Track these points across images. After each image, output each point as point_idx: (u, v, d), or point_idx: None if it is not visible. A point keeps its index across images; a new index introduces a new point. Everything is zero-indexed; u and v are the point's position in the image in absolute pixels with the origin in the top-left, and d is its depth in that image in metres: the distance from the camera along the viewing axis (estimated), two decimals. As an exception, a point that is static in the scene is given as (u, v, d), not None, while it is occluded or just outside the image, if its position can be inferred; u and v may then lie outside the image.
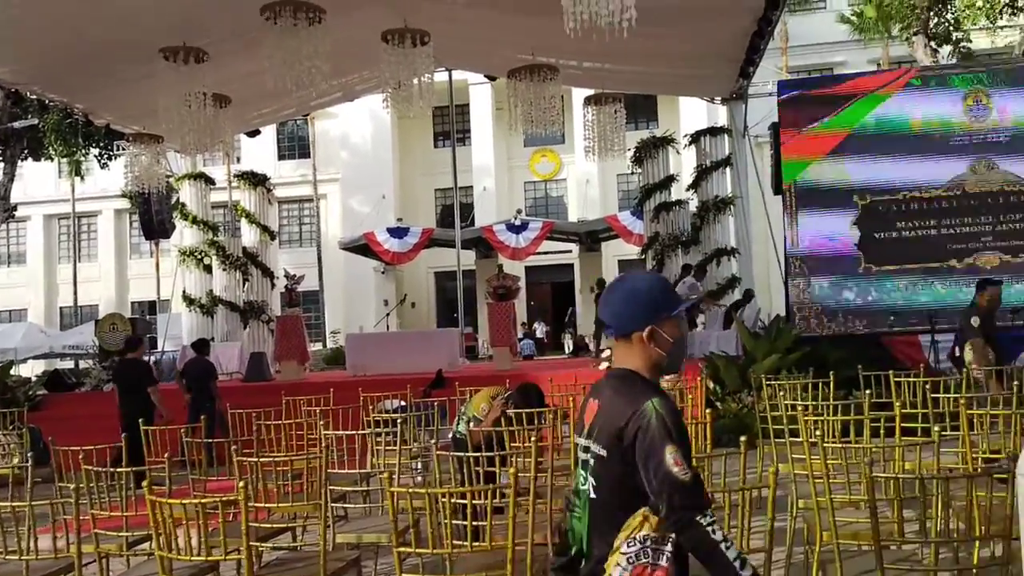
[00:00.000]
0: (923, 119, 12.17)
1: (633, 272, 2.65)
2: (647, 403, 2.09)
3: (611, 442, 2.15)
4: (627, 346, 2.25)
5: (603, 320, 2.36)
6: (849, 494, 4.05)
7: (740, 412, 10.12)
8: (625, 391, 2.18)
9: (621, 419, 2.13)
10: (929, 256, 12.02)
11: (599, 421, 2.21)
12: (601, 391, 2.28)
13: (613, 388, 2.24)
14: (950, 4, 17.56)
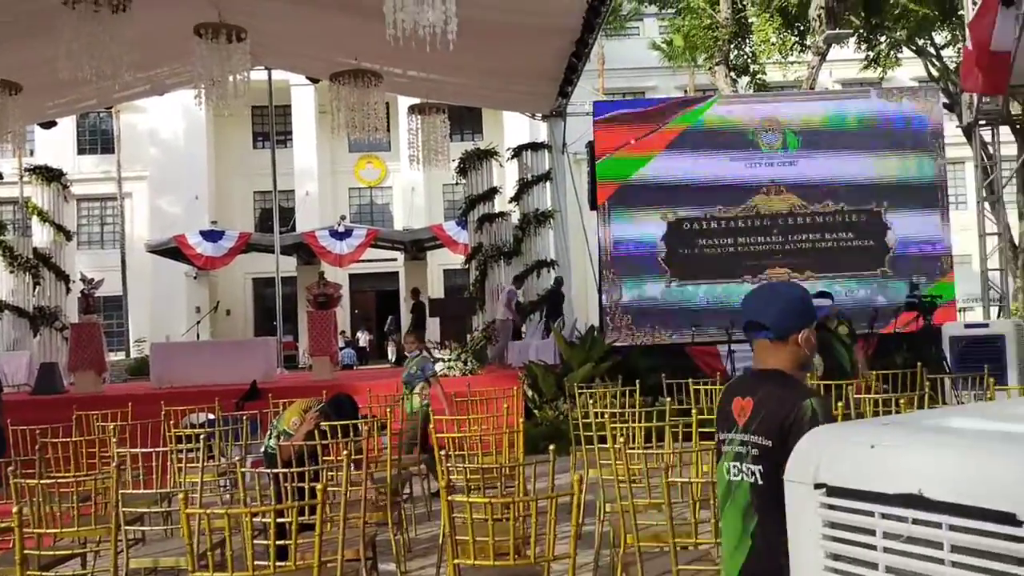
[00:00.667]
0: (723, 143, 13.10)
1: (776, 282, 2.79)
2: (807, 401, 2.32)
3: (777, 433, 2.33)
4: (780, 347, 2.45)
5: (759, 322, 2.50)
6: (649, 497, 4.25)
7: (557, 419, 10.42)
8: (786, 387, 2.40)
9: (785, 412, 2.33)
10: (727, 271, 12.94)
11: (760, 415, 2.39)
12: (753, 389, 2.46)
13: (771, 385, 2.43)
14: (748, 39, 19.09)
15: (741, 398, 2.48)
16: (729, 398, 2.53)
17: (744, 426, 2.42)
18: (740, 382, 2.61)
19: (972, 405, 1.89)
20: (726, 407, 2.52)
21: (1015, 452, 1.30)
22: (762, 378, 2.49)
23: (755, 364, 2.55)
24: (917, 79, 21.81)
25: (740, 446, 2.43)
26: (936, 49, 19.43)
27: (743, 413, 2.45)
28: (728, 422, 2.50)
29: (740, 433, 2.43)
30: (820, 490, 1.47)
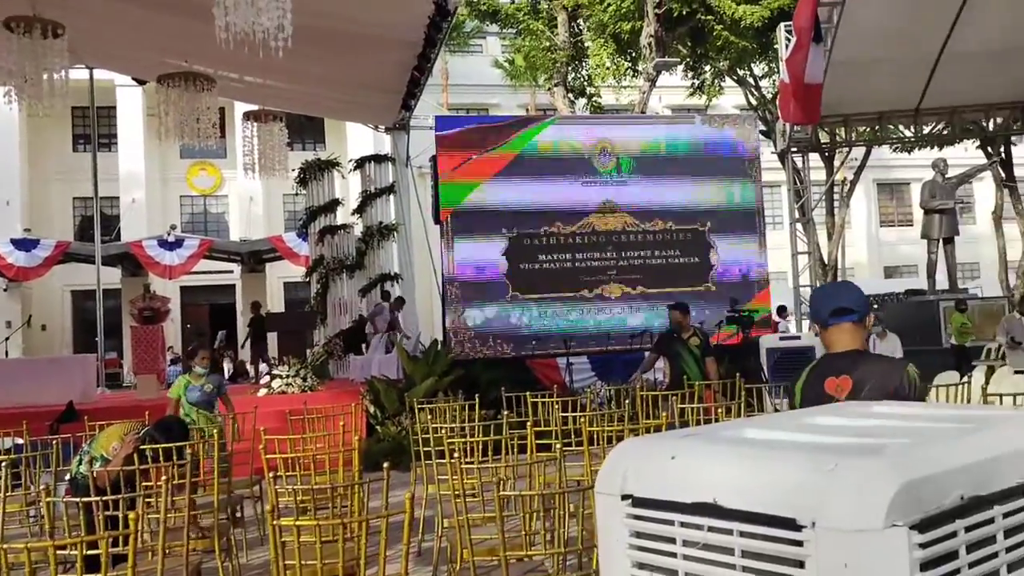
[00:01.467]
0: (560, 163, 13.52)
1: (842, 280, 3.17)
2: (908, 367, 2.73)
3: (887, 399, 2.55)
4: (859, 329, 2.86)
5: (848, 307, 2.87)
6: (484, 511, 4.29)
7: (399, 435, 10.32)
8: (882, 361, 2.88)
9: (894, 381, 2.69)
10: (565, 286, 13.33)
11: (864, 387, 2.70)
12: (845, 368, 2.77)
13: (866, 362, 2.81)
14: (585, 62, 19.83)
15: (835, 377, 2.78)
16: (819, 380, 2.81)
17: (847, 400, 2.70)
18: (826, 365, 2.87)
19: (769, 416, 2.05)
20: (817, 388, 2.79)
21: (796, 460, 1.41)
22: (850, 357, 2.82)
23: (833, 347, 2.88)
24: (739, 107, 23.40)
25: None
26: (755, 80, 20.91)
27: (841, 390, 2.75)
28: (823, 400, 2.72)
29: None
30: (626, 501, 1.53)
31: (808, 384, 2.85)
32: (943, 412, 1.91)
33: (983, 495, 1.41)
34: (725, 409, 5.89)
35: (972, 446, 1.51)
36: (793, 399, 2.90)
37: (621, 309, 13.44)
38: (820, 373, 2.85)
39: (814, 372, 2.88)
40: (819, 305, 3.01)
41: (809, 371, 2.91)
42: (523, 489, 4.57)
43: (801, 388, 2.87)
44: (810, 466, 1.36)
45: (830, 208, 21.69)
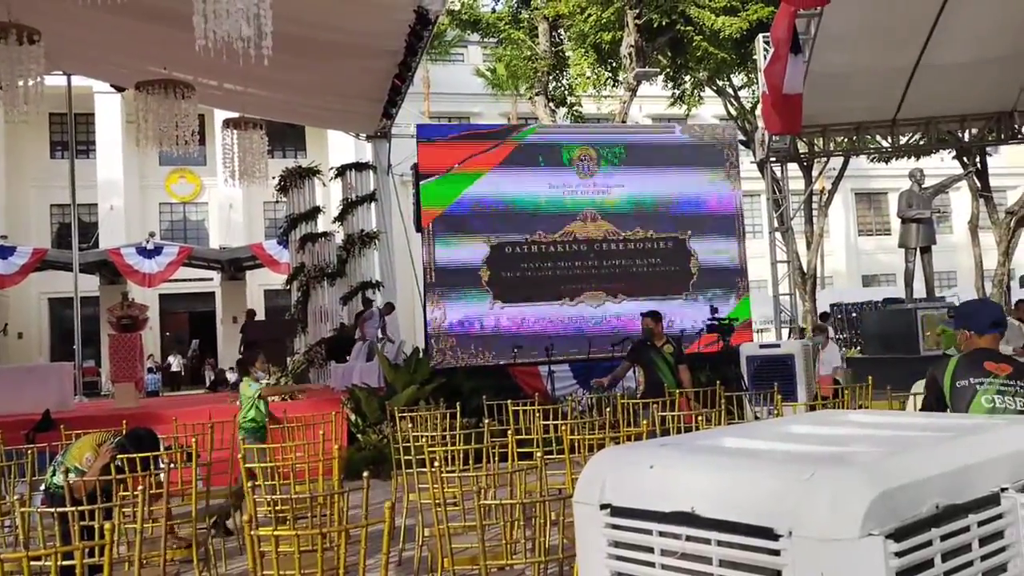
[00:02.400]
0: (542, 172, 13.54)
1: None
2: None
3: None
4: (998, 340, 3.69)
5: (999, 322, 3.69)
6: (465, 520, 4.28)
7: (381, 444, 10.27)
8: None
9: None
10: (547, 294, 13.33)
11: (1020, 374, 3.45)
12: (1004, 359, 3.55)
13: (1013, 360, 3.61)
14: (565, 72, 19.90)
15: (995, 363, 3.48)
16: (976, 362, 3.49)
17: (1009, 376, 3.42)
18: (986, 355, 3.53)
19: (747, 425, 2.06)
20: (977, 367, 3.46)
21: (773, 470, 1.42)
22: (1003, 355, 3.62)
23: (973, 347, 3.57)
24: (719, 117, 23.56)
25: (1003, 385, 3.42)
26: (734, 90, 21.07)
27: (1001, 370, 3.46)
28: (982, 372, 3.44)
29: (1004, 380, 3.42)
30: (605, 510, 1.54)
31: (962, 363, 3.52)
32: (919, 421, 1.92)
33: (959, 504, 1.43)
34: (705, 417, 5.90)
35: (947, 455, 1.53)
36: (943, 375, 3.52)
37: (603, 317, 13.46)
38: (977, 357, 3.52)
39: (967, 357, 3.56)
40: (981, 315, 3.73)
41: (960, 357, 3.59)
42: (504, 498, 4.56)
43: (955, 365, 3.51)
44: (787, 475, 1.37)
45: (809, 217, 21.87)
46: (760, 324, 18.73)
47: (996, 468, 1.56)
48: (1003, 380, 3.43)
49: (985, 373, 3.45)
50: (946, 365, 3.58)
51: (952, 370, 3.53)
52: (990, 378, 3.44)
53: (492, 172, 13.31)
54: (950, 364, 3.56)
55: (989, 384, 3.43)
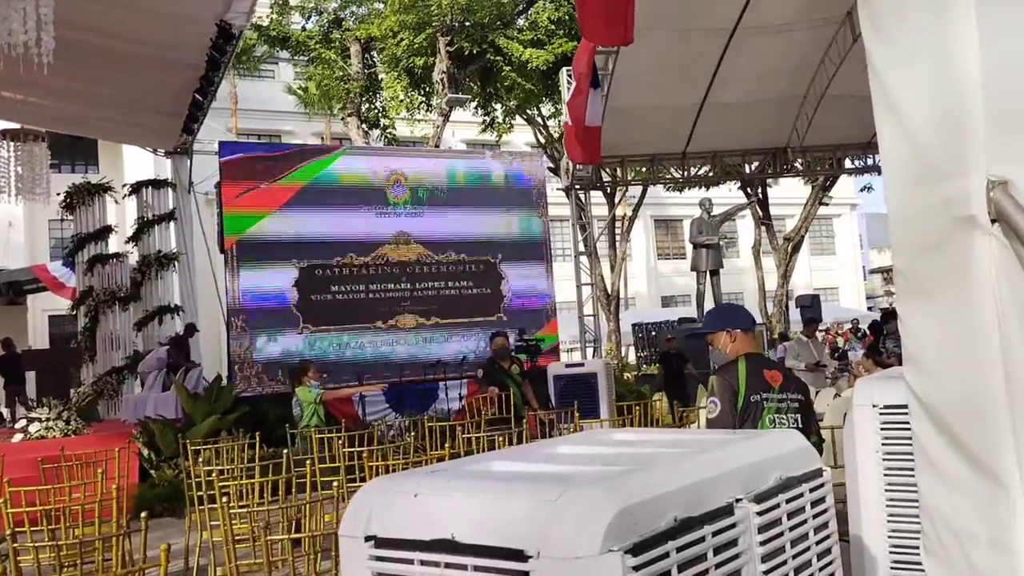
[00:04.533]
0: (353, 193, 13.40)
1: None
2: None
3: (804, 391, 3.64)
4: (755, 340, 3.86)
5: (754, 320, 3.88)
6: (254, 557, 4.12)
7: (176, 479, 9.67)
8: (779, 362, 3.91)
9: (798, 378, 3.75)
10: (359, 317, 13.15)
11: (790, 381, 3.64)
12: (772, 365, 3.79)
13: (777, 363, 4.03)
14: (379, 94, 19.86)
15: (768, 370, 3.62)
16: (758, 372, 3.57)
17: (780, 388, 3.54)
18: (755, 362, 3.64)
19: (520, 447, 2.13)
20: (758, 378, 3.54)
21: (526, 492, 1.48)
22: (765, 358, 3.90)
23: (744, 348, 3.68)
24: (529, 144, 24.36)
25: (779, 402, 3.52)
26: (543, 119, 21.87)
27: (775, 380, 3.56)
28: (765, 385, 3.54)
29: (778, 393, 3.53)
30: (370, 542, 1.54)
31: (749, 372, 3.58)
32: (672, 438, 2.08)
33: (695, 516, 1.55)
34: (507, 438, 6.04)
35: (687, 470, 1.66)
36: (737, 384, 3.55)
37: (415, 340, 13.46)
38: (755, 367, 3.63)
39: (748, 364, 3.63)
40: (740, 315, 3.91)
41: (744, 363, 3.63)
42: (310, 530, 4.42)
43: (745, 374, 3.57)
44: (537, 497, 1.44)
45: (612, 242, 23.00)
46: (569, 344, 19.45)
47: (732, 480, 1.71)
48: (779, 395, 3.57)
49: (767, 386, 3.56)
50: (737, 372, 3.59)
51: (744, 380, 3.56)
52: (770, 393, 3.57)
53: (301, 192, 13.01)
54: (740, 372, 3.57)
55: (769, 402, 3.55)
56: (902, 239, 2.60)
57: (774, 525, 1.75)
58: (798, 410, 3.57)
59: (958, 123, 2.34)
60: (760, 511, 1.70)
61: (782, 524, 1.78)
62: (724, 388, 3.55)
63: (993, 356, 2.27)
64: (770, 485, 1.79)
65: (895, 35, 2.56)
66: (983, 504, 2.34)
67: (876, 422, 3.18)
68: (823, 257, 38.57)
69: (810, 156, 15.10)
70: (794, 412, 3.55)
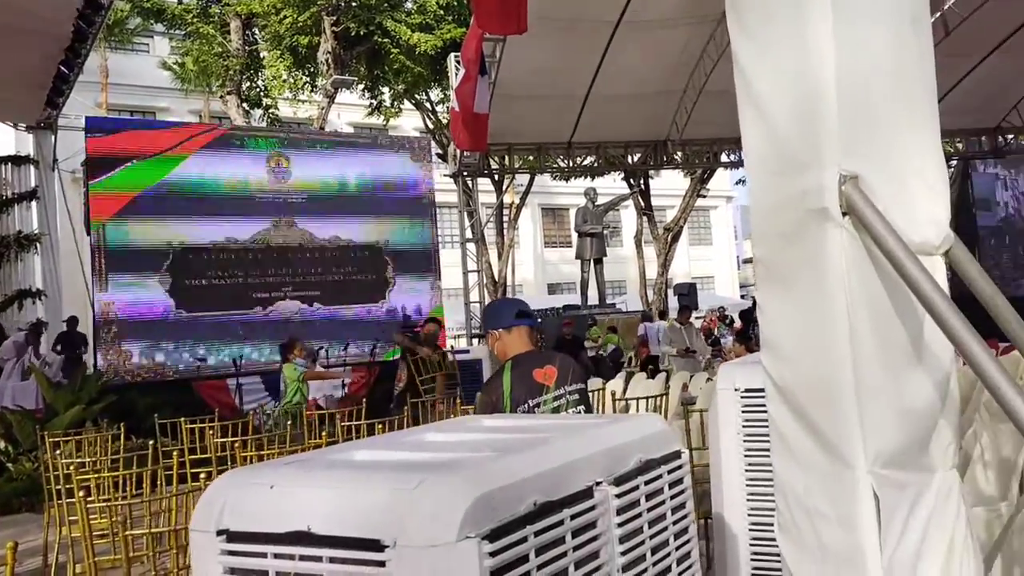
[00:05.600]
0: (231, 175, 12.92)
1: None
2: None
3: (581, 378, 3.39)
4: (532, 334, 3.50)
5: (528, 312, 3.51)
6: (114, 553, 3.93)
7: (35, 472, 9.13)
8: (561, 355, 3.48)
9: (578, 367, 3.42)
10: (237, 303, 12.73)
11: (566, 371, 3.32)
12: (545, 360, 3.36)
13: (552, 354, 3.55)
14: (261, 72, 19.19)
15: (539, 369, 3.30)
16: (527, 374, 3.27)
17: (557, 384, 3.27)
18: (524, 362, 3.34)
19: (388, 435, 2.11)
20: (527, 381, 3.24)
21: (385, 480, 1.46)
22: (541, 354, 3.50)
23: (513, 348, 3.40)
24: (419, 129, 24.13)
25: (556, 400, 3.25)
26: (432, 104, 21.70)
27: (548, 377, 3.28)
28: (535, 388, 3.24)
29: (555, 391, 3.26)
30: (221, 536, 1.48)
31: (515, 380, 3.26)
32: (542, 423, 2.09)
33: (554, 500, 1.57)
34: (388, 424, 5.98)
35: (549, 454, 1.67)
36: (501, 399, 3.23)
37: (298, 327, 13.14)
38: (528, 366, 3.31)
39: (515, 370, 3.30)
40: (502, 311, 3.56)
41: (510, 371, 3.31)
42: (175, 524, 4.25)
43: (510, 385, 3.24)
44: (395, 486, 1.41)
45: (499, 229, 23.11)
46: (455, 331, 19.45)
47: (592, 464, 1.74)
48: (554, 393, 3.28)
49: (538, 389, 3.26)
50: (500, 384, 3.29)
51: (509, 392, 3.25)
52: (543, 395, 3.27)
53: (176, 171, 12.45)
54: (504, 383, 3.27)
55: (544, 403, 3.25)
56: (762, 229, 2.71)
57: (633, 507, 1.79)
58: (579, 401, 3.33)
59: (814, 117, 2.45)
60: (619, 493, 1.73)
61: (640, 506, 1.82)
62: (485, 408, 3.25)
63: (843, 343, 2.41)
64: (630, 468, 1.83)
65: (757, 29, 2.66)
66: (832, 484, 2.47)
67: (738, 405, 3.31)
68: (701, 247, 40.00)
69: (689, 149, 15.58)
70: (576, 405, 3.31)
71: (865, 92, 2.43)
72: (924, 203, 2.48)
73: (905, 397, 2.44)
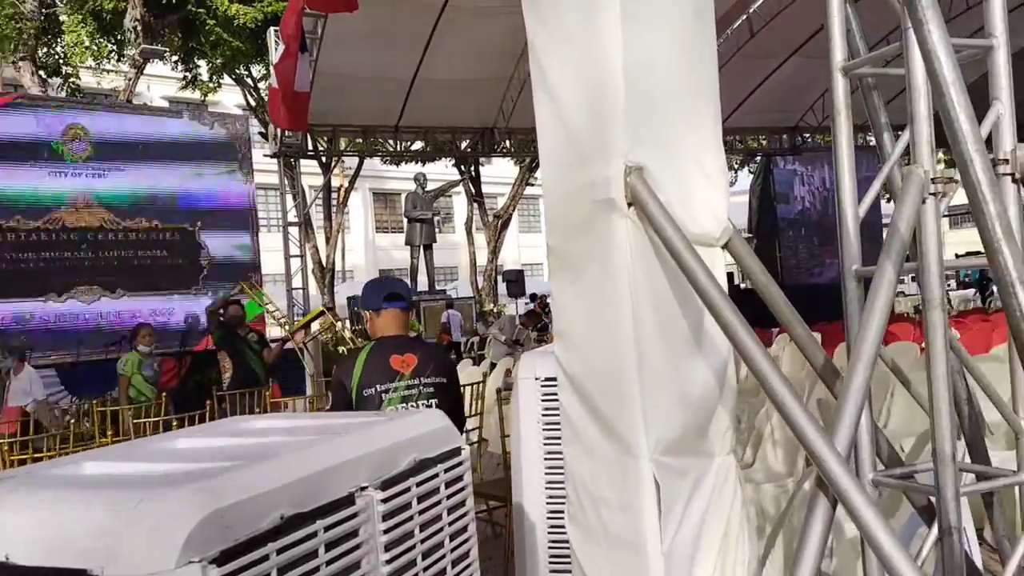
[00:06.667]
0: (22, 148, 11.74)
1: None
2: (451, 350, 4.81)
3: (448, 372, 3.34)
4: (407, 316, 3.42)
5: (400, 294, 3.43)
6: None
7: None
8: (429, 343, 4.10)
9: (447, 358, 3.56)
10: (28, 289, 11.61)
11: (428, 362, 3.26)
12: (408, 348, 3.31)
13: (421, 343, 3.77)
14: (60, 38, 17.55)
15: (399, 355, 3.24)
16: (383, 358, 3.22)
17: (413, 372, 3.22)
18: (385, 346, 3.28)
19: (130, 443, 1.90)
20: (382, 366, 3.20)
21: (100, 501, 1.28)
22: (408, 340, 3.41)
23: (383, 330, 3.35)
24: (240, 106, 22.97)
25: (408, 389, 3.20)
26: (254, 81, 20.72)
27: (407, 365, 3.23)
28: (389, 373, 3.20)
29: (409, 380, 3.21)
30: None
31: (369, 363, 3.22)
32: (316, 423, 1.95)
33: (306, 511, 1.45)
34: (189, 418, 5.61)
35: (306, 460, 1.54)
36: (351, 380, 3.19)
37: (97, 314, 12.16)
38: (382, 352, 3.25)
39: (373, 352, 3.26)
40: (372, 292, 3.45)
41: (367, 352, 3.27)
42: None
43: (362, 367, 3.21)
44: (113, 506, 1.24)
45: (327, 213, 22.49)
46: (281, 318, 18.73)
47: (358, 468, 1.63)
48: (408, 380, 3.24)
49: (392, 374, 3.23)
50: (354, 363, 3.27)
51: (360, 372, 3.23)
52: (396, 381, 3.23)
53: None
54: (358, 363, 3.26)
55: (395, 391, 3.22)
56: (555, 218, 2.70)
57: (403, 510, 1.70)
58: (433, 395, 3.26)
59: (602, 109, 2.45)
60: (386, 498, 1.64)
61: (412, 508, 1.73)
62: (336, 383, 3.25)
63: (627, 333, 2.43)
64: (401, 469, 1.74)
65: (551, 17, 2.63)
66: (616, 472, 2.50)
67: (538, 394, 3.31)
68: (531, 234, 40.78)
69: (515, 138, 15.71)
70: (428, 398, 3.24)
71: (650, 85, 2.45)
72: (704, 195, 2.55)
73: (685, 385, 2.51)
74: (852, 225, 2.58)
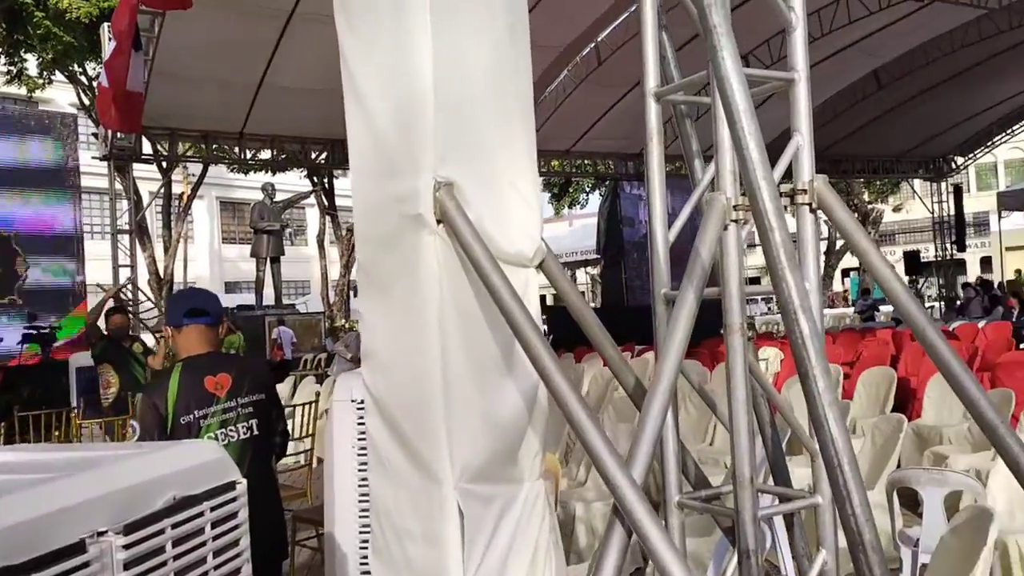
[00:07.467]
0: None
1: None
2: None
3: (266, 388, 3.24)
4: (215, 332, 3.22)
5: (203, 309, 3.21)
6: None
7: None
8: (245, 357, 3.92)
9: (265, 372, 3.52)
10: None
11: (243, 380, 3.12)
12: (221, 366, 3.12)
13: (235, 360, 3.89)
14: None
15: (212, 376, 3.03)
16: (198, 380, 3.00)
17: (229, 395, 3.03)
18: (196, 367, 3.05)
19: None
20: (197, 390, 2.98)
21: None
22: (214, 358, 3.14)
23: (187, 349, 3.11)
24: (74, 105, 21.43)
25: (225, 413, 3.01)
26: (88, 79, 19.40)
27: (221, 387, 3.02)
28: (206, 397, 2.99)
29: (225, 403, 3.02)
30: None
31: (183, 387, 2.99)
32: (56, 457, 1.72)
33: (17, 564, 1.25)
34: None
35: (29, 503, 1.33)
36: (165, 405, 2.95)
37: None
38: (193, 374, 3.03)
39: (185, 375, 3.02)
40: (173, 307, 3.33)
41: (179, 374, 3.03)
42: None
43: (176, 390, 2.97)
44: None
45: (167, 221, 21.30)
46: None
47: (94, 510, 1.43)
48: (226, 404, 3.07)
49: (208, 398, 3.04)
50: (167, 387, 3.03)
51: (175, 397, 3.00)
52: (213, 405, 3.05)
53: None
54: (171, 386, 3.02)
55: (213, 415, 3.03)
56: (363, 232, 2.56)
57: (153, 556, 1.51)
58: (252, 414, 3.11)
59: (412, 121, 2.34)
60: (128, 543, 1.44)
61: (165, 553, 1.54)
62: (147, 409, 2.96)
63: (434, 354, 2.32)
64: (155, 509, 1.54)
65: (362, 25, 2.50)
66: (421, 500, 2.38)
67: (354, 416, 3.15)
68: (388, 249, 40.33)
69: (368, 150, 15.44)
70: (247, 419, 3.08)
71: (462, 99, 2.37)
72: (519, 215, 2.49)
73: (494, 409, 2.42)
74: (662, 249, 2.60)
